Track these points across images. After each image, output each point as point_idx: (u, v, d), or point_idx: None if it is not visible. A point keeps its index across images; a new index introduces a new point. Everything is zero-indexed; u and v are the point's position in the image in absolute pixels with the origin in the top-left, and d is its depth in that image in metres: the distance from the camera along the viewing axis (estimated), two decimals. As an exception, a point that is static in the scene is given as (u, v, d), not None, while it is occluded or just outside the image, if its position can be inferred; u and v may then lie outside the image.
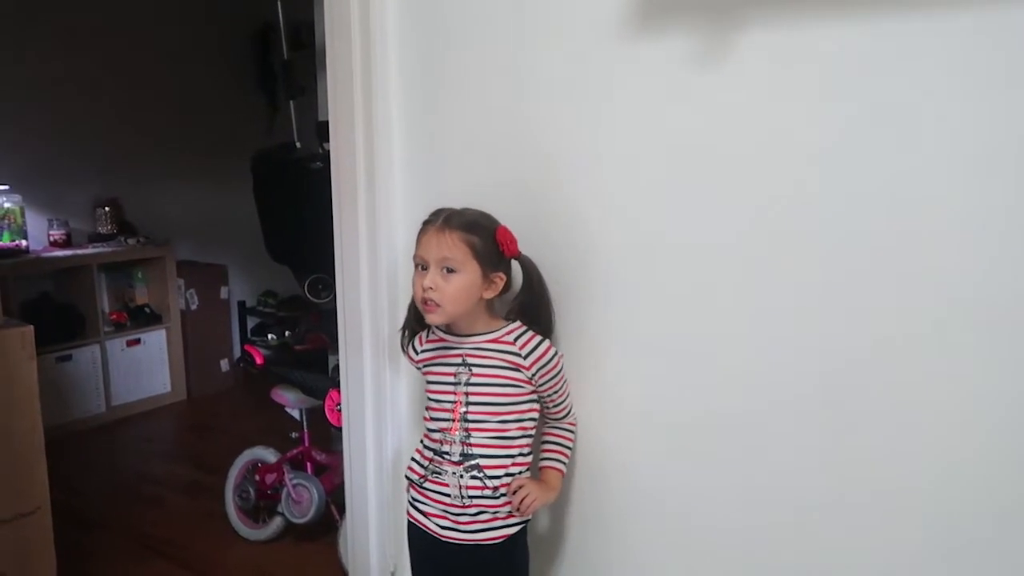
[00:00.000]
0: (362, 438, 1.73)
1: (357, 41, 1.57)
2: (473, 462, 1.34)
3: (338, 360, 1.80)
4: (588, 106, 1.35)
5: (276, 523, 2.47)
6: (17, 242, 3.35)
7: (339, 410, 1.96)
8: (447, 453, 1.36)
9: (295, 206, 2.37)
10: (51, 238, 3.55)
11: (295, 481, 2.38)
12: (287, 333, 3.96)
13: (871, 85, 1.08)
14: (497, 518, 1.36)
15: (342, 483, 1.87)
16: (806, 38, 1.12)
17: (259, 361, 2.54)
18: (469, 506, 1.35)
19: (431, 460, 1.39)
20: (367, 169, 1.61)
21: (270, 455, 2.50)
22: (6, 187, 3.32)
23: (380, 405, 1.71)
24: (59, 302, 3.57)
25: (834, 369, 1.17)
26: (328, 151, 1.73)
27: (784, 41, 1.14)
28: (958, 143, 1.03)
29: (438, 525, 1.38)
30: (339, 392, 1.85)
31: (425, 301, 1.31)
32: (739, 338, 1.25)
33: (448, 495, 1.36)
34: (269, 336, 4.08)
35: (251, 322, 4.41)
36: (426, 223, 1.34)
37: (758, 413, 1.25)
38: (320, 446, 2.49)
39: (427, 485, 1.39)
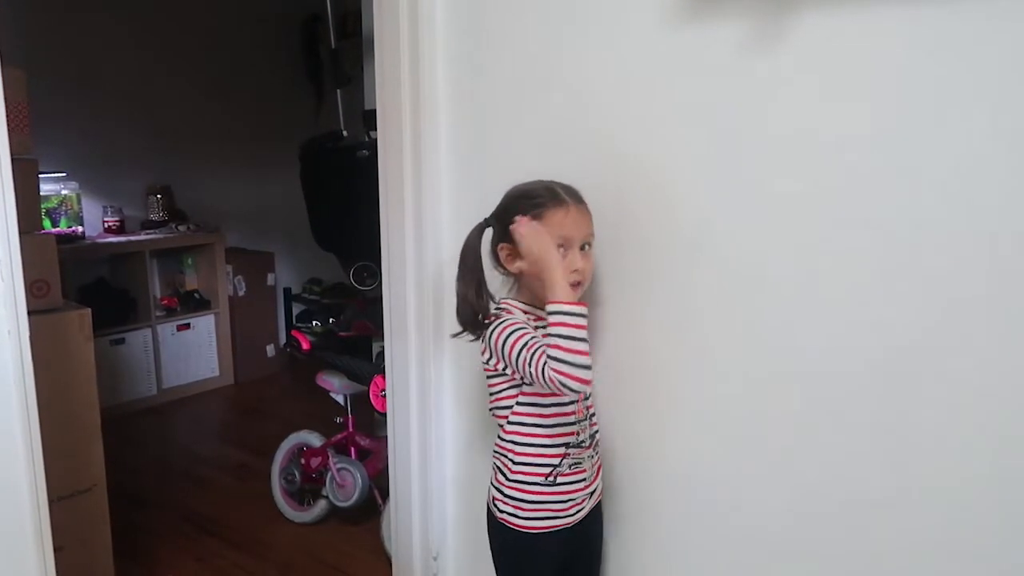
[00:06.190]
0: (406, 424, 1.75)
1: (405, 30, 1.58)
2: (596, 438, 1.38)
3: (382, 347, 1.82)
4: (642, 89, 1.33)
5: (321, 506, 2.51)
6: (74, 228, 3.44)
7: (383, 396, 1.98)
8: (582, 442, 1.33)
9: (342, 194, 2.40)
10: (106, 224, 3.65)
11: (339, 465, 2.41)
12: (331, 320, 4.01)
13: (932, 70, 1.05)
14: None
15: (385, 468, 1.90)
16: (863, 21, 1.09)
17: (306, 346, 2.58)
18: (595, 479, 1.38)
19: (564, 456, 1.31)
20: (414, 157, 1.62)
21: (315, 439, 2.54)
22: (63, 174, 3.40)
23: (424, 391, 1.72)
24: (113, 287, 3.67)
25: (890, 364, 1.14)
26: (375, 139, 1.74)
27: (839, 25, 1.11)
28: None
29: (577, 508, 1.35)
30: (384, 378, 1.88)
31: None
32: (791, 335, 1.23)
33: (585, 479, 1.35)
34: (314, 323, 4.14)
35: (296, 309, 4.48)
36: (553, 202, 1.25)
37: (809, 409, 1.23)
38: (364, 431, 2.52)
39: (560, 480, 1.32)
